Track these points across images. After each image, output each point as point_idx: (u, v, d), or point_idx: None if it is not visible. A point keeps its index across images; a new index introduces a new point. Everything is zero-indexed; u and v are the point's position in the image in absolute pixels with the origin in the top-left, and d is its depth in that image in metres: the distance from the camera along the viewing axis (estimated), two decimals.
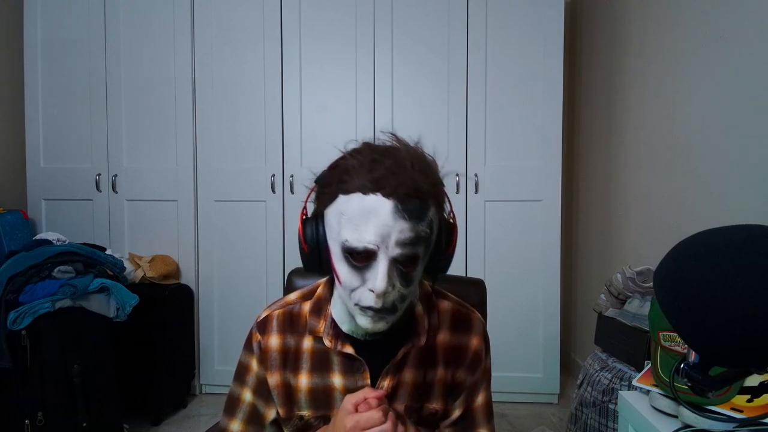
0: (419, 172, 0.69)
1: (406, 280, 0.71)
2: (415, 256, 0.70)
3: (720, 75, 1.59)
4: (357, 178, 0.68)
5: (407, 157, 0.70)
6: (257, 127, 2.51)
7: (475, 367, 0.86)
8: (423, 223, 0.69)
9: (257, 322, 0.86)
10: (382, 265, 0.67)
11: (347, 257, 0.70)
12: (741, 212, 1.48)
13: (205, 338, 2.58)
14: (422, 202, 0.69)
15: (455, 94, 2.43)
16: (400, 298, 0.71)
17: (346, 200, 0.68)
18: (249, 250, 2.54)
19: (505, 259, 2.45)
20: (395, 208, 0.66)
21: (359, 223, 0.67)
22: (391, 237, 0.67)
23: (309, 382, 0.83)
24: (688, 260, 0.62)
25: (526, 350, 2.46)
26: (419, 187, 0.68)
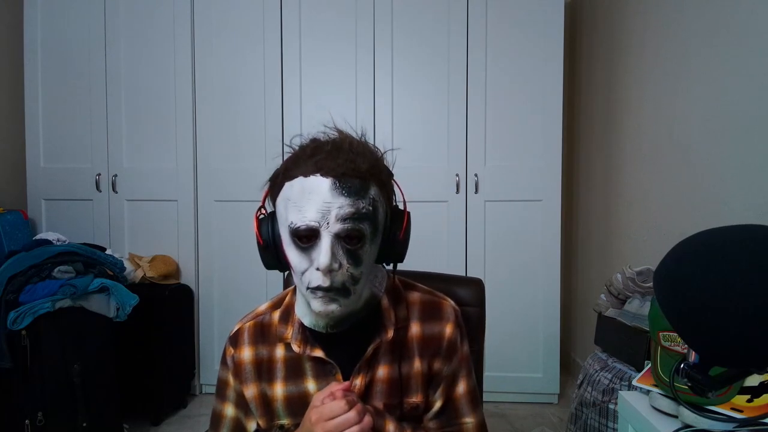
0: (356, 153, 0.73)
1: (353, 258, 0.72)
2: (358, 231, 0.71)
3: (720, 75, 1.59)
4: (300, 165, 0.72)
5: (345, 141, 0.75)
6: (257, 127, 2.51)
7: (451, 355, 0.84)
8: (363, 200, 0.71)
9: (230, 337, 0.87)
10: (324, 241, 0.70)
11: (294, 240, 0.72)
12: (741, 212, 1.48)
13: (205, 338, 2.58)
14: (362, 180, 0.72)
15: (455, 94, 2.43)
16: (351, 279, 0.72)
17: (290, 186, 0.72)
18: (249, 250, 2.54)
19: (505, 259, 2.45)
20: (333, 185, 0.70)
21: (302, 203, 0.70)
22: (332, 213, 0.70)
23: (284, 391, 0.83)
24: (688, 260, 0.62)
25: (526, 350, 2.46)
26: (357, 166, 0.71)
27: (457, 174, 2.43)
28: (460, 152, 2.43)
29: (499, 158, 2.43)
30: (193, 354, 2.57)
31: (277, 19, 2.47)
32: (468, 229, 2.45)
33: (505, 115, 2.42)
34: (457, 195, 2.43)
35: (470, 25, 2.40)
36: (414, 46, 2.43)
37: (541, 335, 2.45)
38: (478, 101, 2.42)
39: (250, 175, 2.52)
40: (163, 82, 2.53)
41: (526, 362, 2.46)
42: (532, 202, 2.42)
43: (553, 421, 2.32)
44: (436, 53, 2.43)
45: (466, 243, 2.45)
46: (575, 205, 2.91)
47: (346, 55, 2.46)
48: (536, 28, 2.38)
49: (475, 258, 2.46)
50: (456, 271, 2.38)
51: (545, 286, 2.44)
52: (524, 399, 2.48)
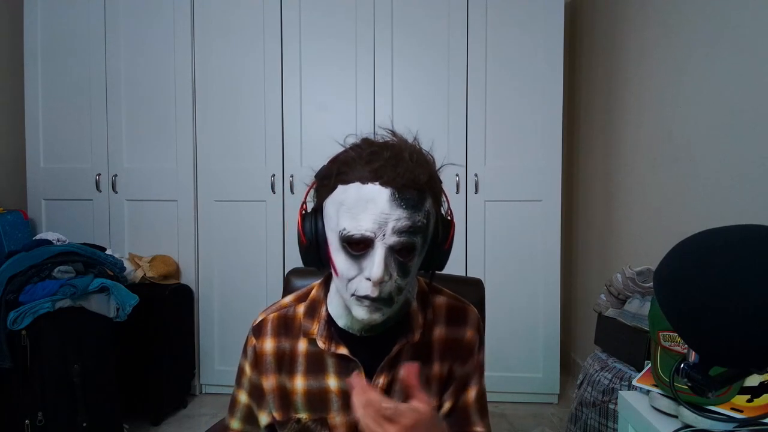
0: (417, 163, 0.70)
1: (402, 270, 0.71)
2: (411, 245, 0.70)
3: (720, 75, 1.59)
4: (356, 170, 0.69)
5: (405, 150, 0.71)
6: (257, 127, 2.51)
7: (466, 357, 0.85)
8: (420, 213, 0.70)
9: (253, 327, 0.87)
10: (379, 253, 0.68)
11: (345, 246, 0.71)
12: (741, 212, 1.48)
13: (205, 338, 2.58)
14: (419, 192, 0.70)
15: (455, 94, 2.43)
16: (397, 290, 0.72)
17: (345, 190, 0.70)
18: (249, 250, 2.54)
19: (505, 259, 2.45)
20: (392, 197, 0.68)
21: (357, 211, 0.68)
22: (388, 225, 0.68)
23: (305, 385, 0.83)
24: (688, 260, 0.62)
25: (526, 350, 2.46)
26: (417, 177, 0.69)
27: (457, 174, 2.43)
28: (460, 152, 2.43)
29: (499, 158, 2.43)
30: (193, 354, 2.57)
31: (277, 19, 2.47)
32: (468, 229, 2.45)
33: (505, 115, 2.42)
34: (457, 195, 2.43)
35: (470, 25, 2.40)
36: (414, 46, 2.43)
37: (541, 335, 2.45)
38: (478, 101, 2.42)
39: (250, 175, 2.52)
40: (163, 82, 2.53)
41: (525, 362, 2.46)
42: (532, 202, 2.42)
43: (553, 421, 2.32)
44: (436, 53, 2.43)
45: (466, 243, 2.45)
46: (575, 205, 2.91)
47: (346, 55, 2.46)
48: (536, 28, 2.38)
49: (475, 258, 2.46)
50: (456, 271, 2.37)
51: (545, 286, 2.44)
52: (524, 399, 2.48)
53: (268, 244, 2.52)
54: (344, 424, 0.82)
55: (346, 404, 0.81)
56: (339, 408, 0.82)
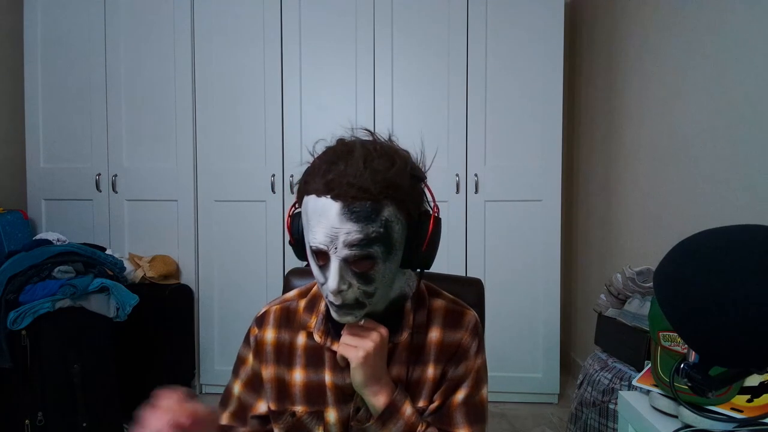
0: (373, 171, 0.68)
1: (363, 279, 0.72)
2: (367, 255, 0.70)
3: (720, 75, 1.59)
4: (315, 181, 0.70)
5: (363, 157, 0.69)
6: (257, 127, 2.51)
7: (460, 359, 0.83)
8: (374, 224, 0.69)
9: (256, 317, 0.89)
10: (333, 266, 0.70)
11: (312, 255, 0.74)
12: (741, 212, 1.48)
13: (205, 338, 2.58)
14: (373, 203, 0.68)
15: (455, 94, 2.43)
16: (363, 294, 0.73)
17: (306, 202, 0.72)
18: (249, 250, 2.54)
19: (505, 259, 2.45)
20: (341, 210, 0.68)
21: (313, 224, 0.70)
22: (339, 238, 0.69)
23: (303, 377, 0.84)
24: (688, 260, 0.62)
25: (526, 350, 2.46)
26: (368, 188, 0.67)
27: (457, 174, 2.43)
28: (460, 152, 2.43)
29: (499, 158, 2.43)
30: (193, 354, 2.57)
31: (277, 18, 2.47)
32: (468, 229, 2.45)
33: (505, 115, 2.42)
34: (457, 195, 2.43)
35: (470, 25, 2.40)
36: (414, 45, 2.43)
37: (541, 335, 2.45)
38: (478, 101, 2.42)
39: (250, 175, 2.52)
40: (163, 82, 2.53)
41: (526, 362, 2.46)
42: (532, 202, 2.42)
43: (553, 421, 2.32)
44: (436, 53, 2.43)
45: (466, 243, 2.45)
46: (575, 205, 2.91)
47: (346, 54, 2.46)
48: (536, 28, 2.38)
49: (475, 258, 2.46)
50: (456, 271, 2.38)
51: (545, 286, 2.44)
52: (524, 399, 2.48)
53: (268, 244, 2.52)
54: (338, 419, 0.82)
55: (339, 399, 0.82)
56: (333, 403, 0.82)
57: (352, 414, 0.82)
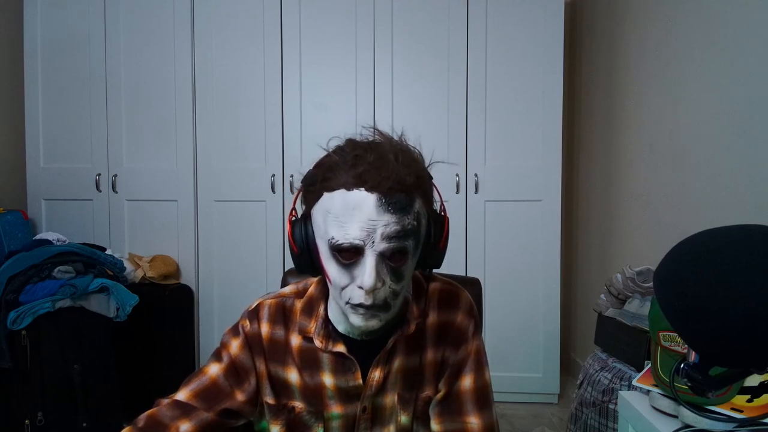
0: (403, 164, 0.68)
1: (396, 275, 0.70)
2: (403, 249, 0.69)
3: (720, 74, 1.59)
4: (340, 175, 0.67)
5: (390, 151, 0.69)
6: (257, 127, 2.51)
7: (459, 342, 0.82)
8: (409, 216, 0.68)
9: (248, 311, 0.86)
10: (369, 261, 0.67)
11: (335, 255, 0.69)
12: (741, 212, 1.48)
13: (205, 338, 2.58)
14: (407, 194, 0.68)
15: (455, 94, 2.43)
16: (392, 295, 0.71)
17: (330, 198, 0.68)
18: (249, 250, 2.54)
19: (505, 259, 2.45)
20: (379, 202, 0.66)
21: (344, 219, 0.67)
22: (377, 231, 0.66)
23: (299, 379, 0.82)
24: (688, 260, 0.62)
25: (526, 350, 2.46)
26: (403, 179, 0.67)
27: (457, 174, 2.43)
28: (460, 152, 2.43)
29: (499, 158, 2.43)
30: (193, 354, 2.57)
31: (277, 18, 2.47)
32: (468, 229, 2.45)
33: (505, 115, 2.42)
34: (457, 195, 2.43)
35: (470, 25, 2.40)
36: (414, 46, 2.43)
37: (541, 335, 2.45)
38: (478, 101, 2.42)
39: (250, 175, 2.52)
40: (163, 82, 2.53)
41: (526, 362, 2.46)
42: (532, 202, 2.42)
43: (553, 421, 2.32)
44: (436, 53, 2.43)
45: (466, 243, 2.45)
46: (575, 205, 2.91)
47: (346, 55, 2.45)
48: (536, 28, 2.38)
49: (475, 258, 2.46)
50: (456, 271, 2.37)
51: (545, 286, 2.44)
52: (524, 399, 2.48)
53: (268, 244, 2.52)
54: (341, 416, 0.82)
55: (342, 399, 0.81)
56: (336, 402, 0.82)
57: (359, 414, 0.81)
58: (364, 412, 0.81)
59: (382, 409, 0.83)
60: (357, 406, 0.81)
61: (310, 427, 0.82)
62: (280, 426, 0.83)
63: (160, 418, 0.80)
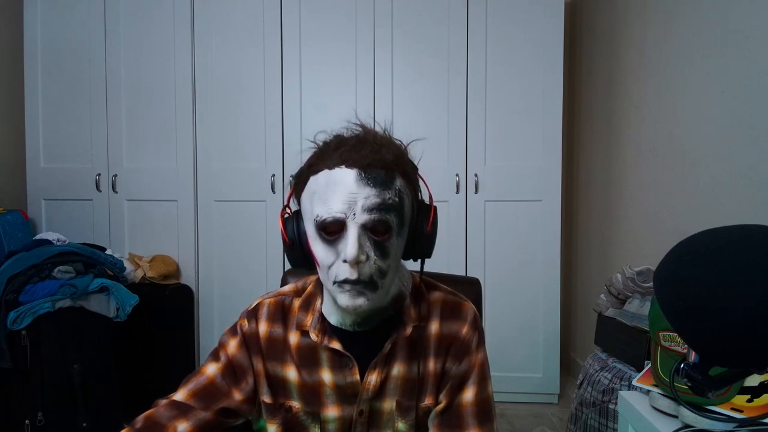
0: (381, 145, 0.73)
1: (380, 249, 0.71)
2: (385, 222, 0.71)
3: (720, 75, 1.59)
4: (324, 160, 0.72)
5: (370, 134, 0.74)
6: (257, 127, 2.51)
7: (462, 355, 0.82)
8: (389, 191, 0.71)
9: (247, 311, 0.87)
10: (351, 232, 0.69)
11: (321, 234, 0.72)
12: (741, 212, 1.48)
13: (205, 338, 2.58)
14: (387, 171, 0.71)
15: (455, 94, 2.43)
16: (378, 272, 0.72)
17: (315, 179, 0.72)
18: (249, 250, 2.54)
19: (505, 259, 2.45)
20: (359, 176, 0.70)
21: (327, 195, 0.70)
22: (358, 203, 0.69)
23: (297, 377, 0.82)
24: (688, 260, 0.62)
25: (526, 350, 2.46)
26: (382, 157, 0.71)
27: (457, 174, 2.43)
28: (460, 152, 2.43)
29: (499, 158, 2.43)
30: (193, 354, 2.57)
31: (277, 19, 2.47)
32: (468, 229, 2.45)
33: (505, 115, 2.42)
34: (457, 195, 2.43)
35: (470, 25, 2.40)
36: (414, 46, 2.43)
37: (541, 335, 2.45)
38: (478, 101, 2.42)
39: (250, 175, 2.52)
40: (163, 82, 2.53)
41: (526, 362, 2.46)
42: (532, 202, 2.42)
43: (553, 421, 2.32)
44: (436, 53, 2.43)
45: (466, 243, 2.45)
46: (575, 205, 2.91)
47: (346, 55, 2.45)
48: (536, 28, 2.38)
49: (475, 258, 2.46)
50: (456, 271, 2.38)
51: (545, 286, 2.44)
52: (524, 399, 2.48)
53: (268, 244, 2.52)
54: (337, 418, 0.82)
55: (339, 398, 0.81)
56: (333, 401, 0.81)
57: (355, 417, 0.81)
58: (361, 416, 0.81)
59: (379, 414, 0.82)
60: (354, 409, 0.81)
61: (307, 427, 0.82)
62: (277, 425, 0.83)
63: (158, 418, 0.81)
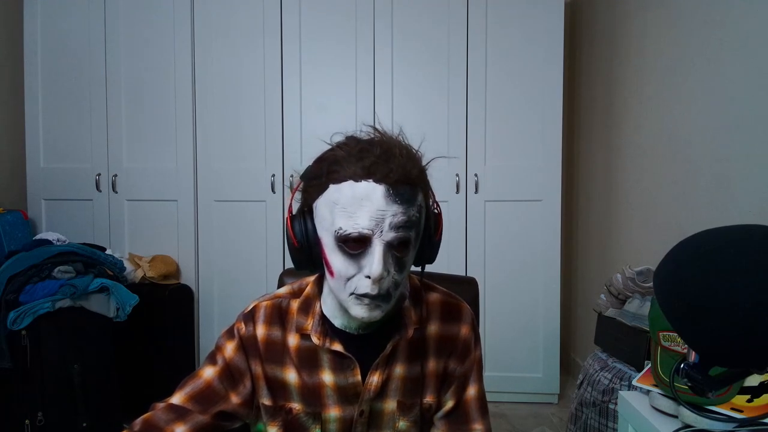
0: (407, 158, 0.71)
1: (399, 265, 0.72)
2: (407, 239, 0.71)
3: (720, 74, 1.59)
4: (348, 167, 0.69)
5: (394, 146, 0.72)
6: (257, 127, 2.51)
7: (464, 356, 0.86)
8: (413, 208, 0.71)
9: (243, 313, 0.86)
10: (377, 250, 0.68)
11: (341, 246, 0.70)
12: (741, 212, 1.48)
13: (205, 338, 2.58)
14: (412, 187, 0.71)
15: (455, 94, 2.43)
16: (394, 285, 0.72)
17: (338, 189, 0.69)
18: (249, 250, 2.54)
19: (505, 259, 2.45)
20: (387, 193, 0.68)
21: (353, 210, 0.68)
22: (385, 221, 0.68)
23: (298, 379, 0.82)
24: (688, 260, 0.62)
25: (526, 350, 2.46)
26: (409, 172, 0.70)
27: (457, 174, 2.43)
28: (460, 152, 2.43)
29: (499, 158, 2.43)
30: (193, 354, 2.57)
31: (277, 19, 2.47)
32: (468, 229, 2.45)
33: (505, 115, 2.42)
34: (457, 195, 2.43)
35: (470, 25, 2.40)
36: (414, 45, 2.43)
37: (541, 335, 2.45)
38: (478, 101, 2.42)
39: (250, 175, 2.52)
40: (163, 82, 2.53)
41: (526, 362, 2.46)
42: (532, 202, 2.42)
43: (553, 421, 2.32)
44: (436, 53, 2.43)
45: (466, 243, 2.45)
46: (575, 205, 2.91)
47: (346, 55, 2.45)
48: (536, 28, 2.38)
49: (475, 258, 2.46)
50: (456, 271, 2.38)
51: (545, 286, 2.44)
52: (524, 399, 2.48)
53: (268, 244, 2.52)
54: (338, 418, 0.82)
55: (341, 399, 0.81)
56: (334, 402, 0.82)
57: (356, 417, 0.81)
58: (362, 416, 0.82)
59: (380, 414, 0.83)
60: (355, 409, 0.81)
61: (308, 428, 0.82)
62: (277, 428, 0.83)
63: (156, 421, 0.81)
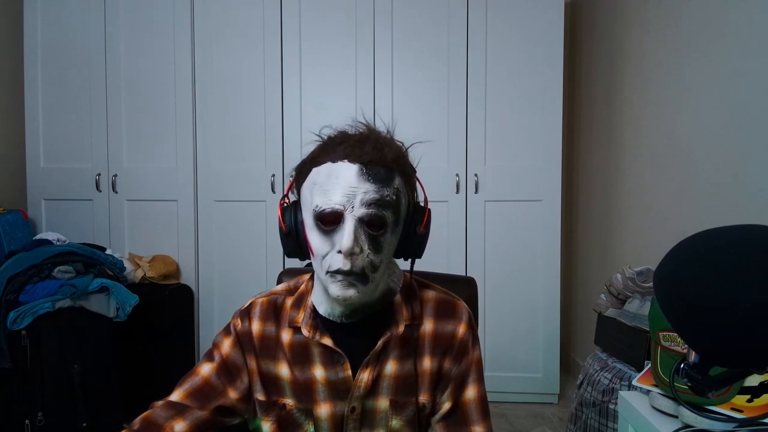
0: (384, 143, 0.76)
1: (374, 244, 0.74)
2: (381, 218, 0.74)
3: (720, 74, 1.59)
4: (327, 153, 0.75)
5: (374, 132, 0.78)
6: (257, 127, 2.51)
7: (461, 355, 0.84)
8: (388, 189, 0.74)
9: (240, 310, 0.89)
10: (348, 224, 0.72)
11: (318, 224, 0.74)
12: (741, 212, 1.48)
13: (205, 338, 2.58)
14: (387, 169, 0.75)
15: (455, 94, 2.43)
16: (370, 266, 0.74)
17: (317, 171, 0.75)
18: (249, 250, 2.54)
19: (505, 259, 2.45)
20: (360, 171, 0.73)
21: (328, 187, 0.73)
22: (357, 197, 0.72)
23: (289, 374, 0.83)
24: (688, 260, 0.62)
25: (526, 350, 2.46)
26: (383, 155, 0.74)
27: (457, 174, 2.43)
28: (460, 152, 2.43)
29: (499, 158, 2.43)
30: (193, 354, 2.57)
31: (277, 19, 2.47)
32: (468, 229, 2.45)
33: (505, 115, 2.42)
34: (457, 195, 2.43)
35: (470, 25, 2.40)
36: (414, 46, 2.43)
37: (541, 335, 2.45)
38: (478, 101, 2.42)
39: (250, 175, 2.52)
40: (163, 82, 2.53)
41: (526, 362, 2.46)
42: (532, 202, 2.42)
43: (553, 421, 2.32)
44: (436, 53, 2.43)
45: (466, 243, 2.45)
46: (575, 205, 2.91)
47: (346, 55, 2.45)
48: (536, 28, 2.38)
49: (475, 258, 2.46)
50: (456, 270, 2.38)
51: (545, 286, 2.44)
52: (524, 399, 2.48)
53: (268, 244, 2.52)
54: (330, 415, 0.82)
55: (332, 394, 0.82)
56: (326, 398, 0.82)
57: (347, 413, 0.82)
58: (353, 413, 0.81)
59: (372, 412, 0.83)
60: (345, 406, 0.82)
61: (301, 424, 0.82)
62: (271, 422, 0.83)
63: (155, 419, 0.82)
